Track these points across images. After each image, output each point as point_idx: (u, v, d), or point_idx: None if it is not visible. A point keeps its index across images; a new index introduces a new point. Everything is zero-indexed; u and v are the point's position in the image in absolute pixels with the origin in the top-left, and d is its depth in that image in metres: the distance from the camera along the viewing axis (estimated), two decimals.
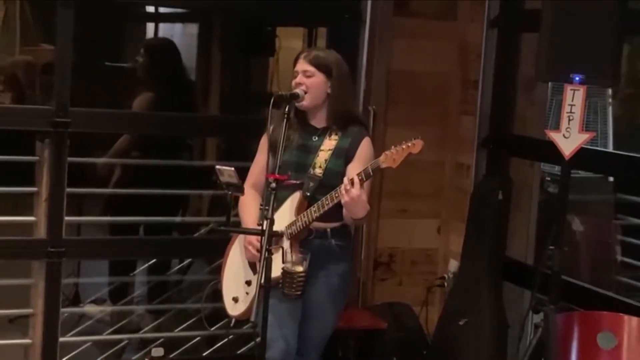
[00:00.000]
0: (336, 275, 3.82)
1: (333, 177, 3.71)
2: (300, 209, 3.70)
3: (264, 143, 3.88)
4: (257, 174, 3.86)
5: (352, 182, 3.50)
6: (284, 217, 3.68)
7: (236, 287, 3.84)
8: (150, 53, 5.45)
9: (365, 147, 3.79)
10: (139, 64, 5.47)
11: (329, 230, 3.75)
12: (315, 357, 3.92)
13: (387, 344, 4.84)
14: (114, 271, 5.35)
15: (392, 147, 3.54)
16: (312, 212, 3.63)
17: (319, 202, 3.62)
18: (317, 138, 3.81)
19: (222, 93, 6.85)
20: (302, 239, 3.72)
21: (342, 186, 3.53)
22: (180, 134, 5.24)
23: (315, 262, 3.68)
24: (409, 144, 3.51)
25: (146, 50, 5.49)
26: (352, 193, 3.50)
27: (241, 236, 3.87)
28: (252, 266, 3.78)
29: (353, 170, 3.67)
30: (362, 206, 3.57)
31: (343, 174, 3.70)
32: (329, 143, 3.77)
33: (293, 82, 3.76)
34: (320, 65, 3.75)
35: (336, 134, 3.79)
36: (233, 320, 3.89)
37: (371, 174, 3.54)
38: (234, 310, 3.84)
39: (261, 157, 3.87)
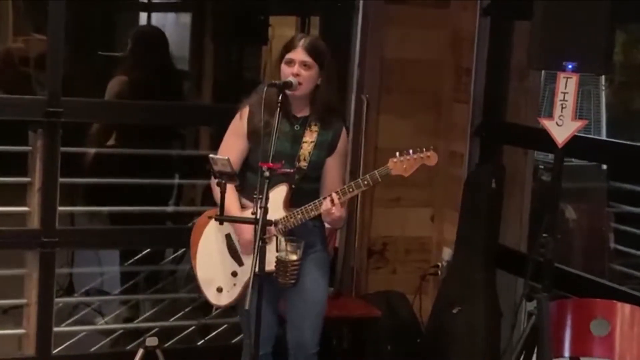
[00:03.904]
0: (317, 252, 3.86)
1: (316, 169, 3.80)
2: (286, 201, 3.74)
3: (239, 126, 3.85)
4: (233, 158, 3.68)
5: (332, 202, 3.60)
6: (271, 208, 3.67)
7: (220, 278, 3.83)
8: (136, 41, 5.44)
9: (343, 140, 3.88)
10: (125, 52, 5.47)
11: None
12: (316, 346, 3.90)
13: (381, 332, 4.84)
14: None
15: (398, 154, 3.55)
16: (304, 212, 3.69)
17: (306, 207, 3.68)
18: (298, 127, 3.81)
19: (215, 82, 6.83)
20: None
21: (324, 208, 3.62)
22: (173, 124, 5.23)
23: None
24: (422, 155, 3.55)
25: (132, 38, 5.47)
26: (334, 216, 3.64)
27: (214, 227, 3.83)
28: (235, 257, 3.81)
29: (333, 166, 3.81)
30: (342, 221, 3.80)
31: (323, 165, 3.82)
32: (310, 134, 3.79)
33: (288, 71, 3.72)
34: (317, 56, 3.74)
35: (315, 125, 3.81)
36: (215, 308, 3.89)
37: (379, 180, 3.60)
38: (217, 300, 3.86)
39: (235, 140, 3.85)
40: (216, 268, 3.85)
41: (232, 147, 3.85)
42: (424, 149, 3.58)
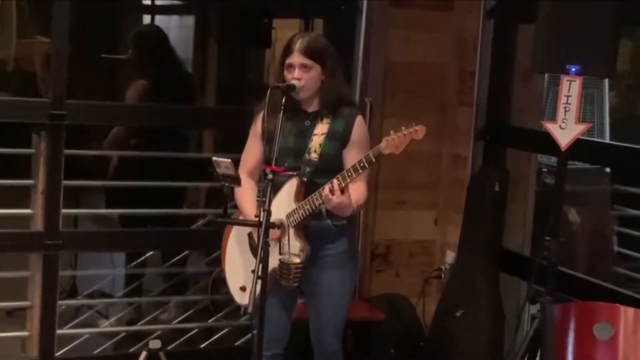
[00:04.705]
0: (337, 253, 3.81)
1: (329, 161, 3.73)
2: (298, 195, 3.71)
3: (254, 131, 3.88)
4: (251, 162, 3.87)
5: (331, 190, 3.53)
6: (283, 204, 3.69)
7: (242, 277, 3.83)
8: (137, 42, 5.44)
9: (359, 128, 3.80)
10: (128, 54, 5.47)
11: (324, 211, 3.72)
12: (337, 343, 3.91)
13: (384, 335, 4.84)
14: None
15: (392, 132, 3.53)
16: (310, 202, 3.64)
17: (311, 197, 3.63)
18: (309, 122, 3.79)
19: (219, 85, 6.84)
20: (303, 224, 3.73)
21: (324, 195, 3.55)
22: (177, 126, 5.22)
23: (314, 244, 3.71)
24: (410, 130, 3.51)
25: (133, 39, 5.48)
26: (333, 202, 3.55)
27: (239, 228, 3.86)
28: (256, 255, 3.79)
29: (352, 158, 3.69)
30: (347, 209, 3.61)
31: (339, 158, 3.75)
32: (322, 127, 3.76)
33: (290, 76, 3.71)
34: (314, 56, 3.72)
35: (327, 117, 3.77)
36: (243, 308, 3.90)
37: (373, 160, 3.55)
38: (242, 299, 3.84)
39: (253, 145, 3.88)
40: (240, 268, 3.85)
41: (252, 152, 3.89)
42: (413, 124, 3.55)
